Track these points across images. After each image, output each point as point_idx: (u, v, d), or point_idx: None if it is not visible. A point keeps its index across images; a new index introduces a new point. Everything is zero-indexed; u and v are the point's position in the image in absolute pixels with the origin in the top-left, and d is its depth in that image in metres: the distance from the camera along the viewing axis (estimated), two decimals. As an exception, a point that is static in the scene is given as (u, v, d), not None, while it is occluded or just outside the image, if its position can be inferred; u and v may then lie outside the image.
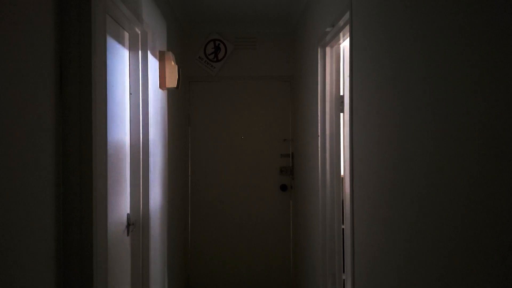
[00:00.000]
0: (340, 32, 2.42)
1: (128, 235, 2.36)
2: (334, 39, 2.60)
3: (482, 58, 0.95)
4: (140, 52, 2.47)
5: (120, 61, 2.26)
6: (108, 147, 1.95)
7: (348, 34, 2.37)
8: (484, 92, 0.94)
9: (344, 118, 2.68)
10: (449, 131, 1.09)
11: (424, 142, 1.23)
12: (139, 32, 2.46)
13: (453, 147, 1.07)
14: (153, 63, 2.72)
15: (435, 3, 1.18)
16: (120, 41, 2.27)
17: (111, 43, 2.09)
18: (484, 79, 0.94)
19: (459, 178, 1.05)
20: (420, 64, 1.26)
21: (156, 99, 2.81)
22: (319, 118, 2.85)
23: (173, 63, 3.00)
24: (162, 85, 2.97)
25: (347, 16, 2.12)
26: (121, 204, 2.28)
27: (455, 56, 1.07)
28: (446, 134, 1.10)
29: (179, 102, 3.90)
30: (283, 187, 4.28)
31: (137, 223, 2.45)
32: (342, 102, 2.71)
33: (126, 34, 2.39)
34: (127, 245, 2.38)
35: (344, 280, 2.67)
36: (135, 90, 2.46)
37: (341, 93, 2.75)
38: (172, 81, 3.02)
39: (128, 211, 2.39)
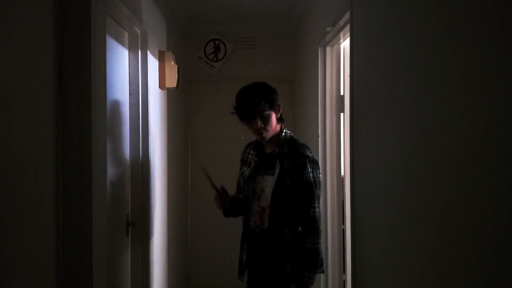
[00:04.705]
0: (340, 31, 2.41)
1: (128, 235, 2.36)
2: (335, 39, 2.60)
3: (480, 58, 0.95)
4: (140, 52, 2.47)
5: (120, 61, 2.25)
6: (108, 144, 1.95)
7: (348, 33, 2.36)
8: (486, 92, 0.94)
9: (344, 118, 2.68)
10: (451, 130, 1.09)
11: (424, 141, 1.23)
12: (139, 32, 2.45)
13: (455, 147, 1.06)
14: (152, 63, 2.72)
15: (435, 3, 1.18)
16: (120, 41, 2.27)
17: (111, 43, 2.09)
18: (483, 79, 0.94)
19: (461, 177, 1.04)
20: (420, 63, 1.26)
21: (155, 99, 2.81)
22: (319, 118, 2.84)
23: (172, 62, 2.99)
24: (162, 85, 2.96)
25: (347, 15, 2.11)
26: (121, 204, 2.28)
27: (456, 56, 1.07)
28: (448, 132, 1.10)
29: (179, 102, 3.90)
30: (283, 187, 4.26)
31: (137, 224, 2.45)
32: (342, 102, 2.71)
33: (126, 34, 2.38)
34: (127, 245, 2.38)
35: (344, 280, 2.67)
36: (135, 90, 2.45)
37: (341, 93, 2.74)
38: (171, 81, 3.01)
39: (128, 212, 2.39)
